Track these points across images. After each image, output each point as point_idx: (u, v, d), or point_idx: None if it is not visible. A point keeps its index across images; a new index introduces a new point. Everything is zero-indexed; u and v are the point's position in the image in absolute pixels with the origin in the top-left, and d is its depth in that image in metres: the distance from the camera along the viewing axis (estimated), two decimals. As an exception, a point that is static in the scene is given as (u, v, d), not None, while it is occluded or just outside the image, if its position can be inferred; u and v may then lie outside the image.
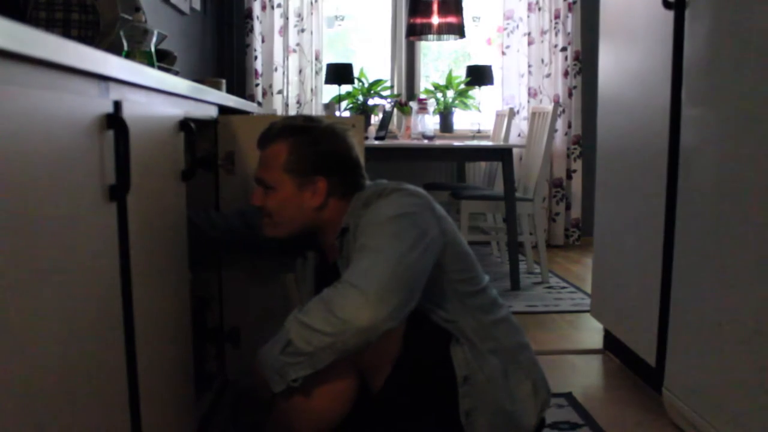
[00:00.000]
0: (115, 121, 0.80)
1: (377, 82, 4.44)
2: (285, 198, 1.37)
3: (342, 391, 1.26)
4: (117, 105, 0.81)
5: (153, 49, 1.44)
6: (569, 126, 4.55)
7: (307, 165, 1.36)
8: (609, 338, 2.35)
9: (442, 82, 4.54)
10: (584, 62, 4.44)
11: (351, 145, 1.43)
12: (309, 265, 1.56)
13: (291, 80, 4.46)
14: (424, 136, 3.85)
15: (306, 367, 1.18)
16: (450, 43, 4.67)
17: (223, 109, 1.72)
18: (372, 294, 1.15)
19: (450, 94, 4.49)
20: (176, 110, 1.19)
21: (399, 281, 1.18)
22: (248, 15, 4.33)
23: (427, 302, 1.31)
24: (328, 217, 1.39)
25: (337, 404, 1.26)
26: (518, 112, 4.52)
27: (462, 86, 4.46)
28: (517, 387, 1.34)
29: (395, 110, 4.32)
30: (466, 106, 4.50)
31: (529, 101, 4.52)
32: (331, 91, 4.52)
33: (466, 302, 1.35)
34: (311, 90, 4.49)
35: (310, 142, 1.37)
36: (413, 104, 4.20)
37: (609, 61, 2.32)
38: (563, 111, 4.51)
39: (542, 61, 4.51)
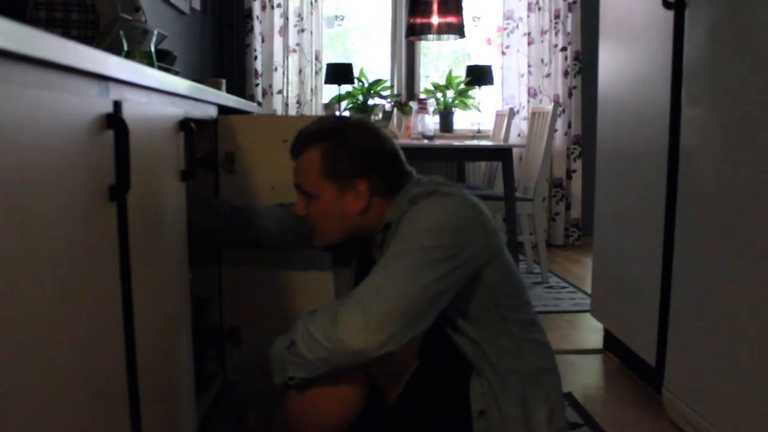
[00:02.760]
0: (115, 121, 0.80)
1: (377, 82, 4.44)
2: (328, 205, 1.32)
3: (349, 398, 1.23)
4: (117, 105, 0.81)
5: (153, 49, 1.44)
6: (569, 126, 4.55)
7: (343, 167, 1.31)
8: (609, 338, 2.35)
9: (442, 82, 4.54)
10: (584, 62, 4.44)
11: (384, 138, 1.36)
12: (348, 272, 1.51)
13: (291, 80, 4.46)
14: (424, 136, 3.85)
15: (303, 370, 1.17)
16: (450, 43, 4.67)
17: (223, 109, 1.72)
18: (373, 318, 1.12)
19: (450, 94, 4.49)
20: (176, 110, 1.19)
21: (408, 306, 1.14)
22: (248, 15, 4.33)
23: (459, 316, 1.27)
24: (374, 217, 1.33)
25: (343, 410, 1.24)
26: (518, 112, 4.52)
27: (462, 86, 4.46)
28: (534, 413, 1.27)
29: (395, 110, 4.32)
30: (466, 106, 4.50)
31: (529, 101, 4.52)
32: (331, 91, 4.52)
33: (504, 315, 1.29)
34: (311, 90, 4.49)
35: (342, 143, 1.32)
36: (413, 104, 4.19)
37: (609, 61, 2.32)
38: (563, 111, 4.51)
39: (542, 61, 4.51)
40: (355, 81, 4.36)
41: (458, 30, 3.84)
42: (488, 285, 1.27)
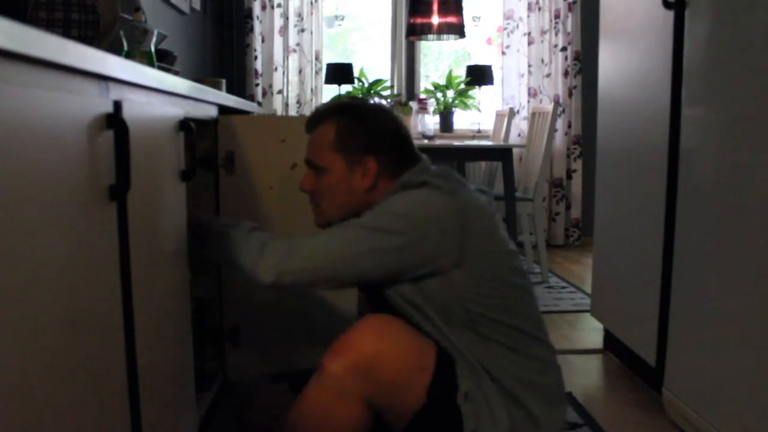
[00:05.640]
0: (115, 121, 0.80)
1: (377, 81, 4.44)
2: (336, 179, 1.34)
3: (352, 426, 1.21)
4: (117, 105, 0.81)
5: (153, 49, 1.44)
6: (569, 126, 4.55)
7: (355, 143, 1.33)
8: (609, 338, 2.35)
9: (442, 81, 4.54)
10: (584, 62, 4.44)
11: (399, 123, 1.39)
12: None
13: (291, 80, 4.46)
14: (424, 136, 3.85)
15: (222, 258, 1.33)
16: (450, 42, 4.67)
17: (223, 109, 1.72)
18: (289, 265, 1.22)
19: (450, 93, 4.48)
20: (176, 110, 1.19)
21: (327, 274, 1.23)
22: (248, 15, 4.33)
23: (444, 323, 1.23)
24: (378, 199, 1.33)
25: None
26: (518, 112, 4.52)
27: (462, 86, 4.46)
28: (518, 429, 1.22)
29: (395, 110, 4.32)
30: (466, 106, 4.50)
31: (529, 101, 4.52)
32: (331, 91, 4.52)
33: (479, 330, 1.23)
34: (311, 90, 4.49)
35: (357, 119, 1.35)
36: (413, 104, 4.20)
37: (609, 61, 2.32)
38: (563, 111, 4.51)
39: (542, 61, 4.51)
40: (355, 81, 4.37)
41: (458, 30, 3.84)
42: (457, 288, 1.22)
